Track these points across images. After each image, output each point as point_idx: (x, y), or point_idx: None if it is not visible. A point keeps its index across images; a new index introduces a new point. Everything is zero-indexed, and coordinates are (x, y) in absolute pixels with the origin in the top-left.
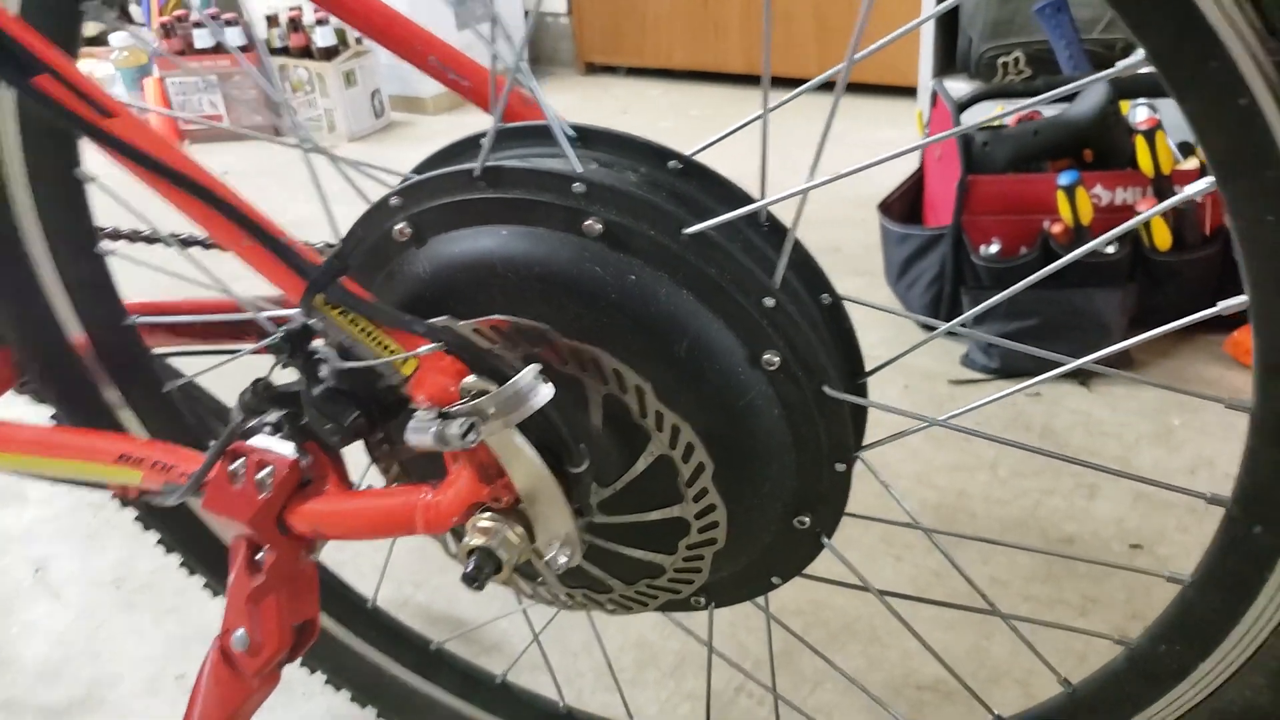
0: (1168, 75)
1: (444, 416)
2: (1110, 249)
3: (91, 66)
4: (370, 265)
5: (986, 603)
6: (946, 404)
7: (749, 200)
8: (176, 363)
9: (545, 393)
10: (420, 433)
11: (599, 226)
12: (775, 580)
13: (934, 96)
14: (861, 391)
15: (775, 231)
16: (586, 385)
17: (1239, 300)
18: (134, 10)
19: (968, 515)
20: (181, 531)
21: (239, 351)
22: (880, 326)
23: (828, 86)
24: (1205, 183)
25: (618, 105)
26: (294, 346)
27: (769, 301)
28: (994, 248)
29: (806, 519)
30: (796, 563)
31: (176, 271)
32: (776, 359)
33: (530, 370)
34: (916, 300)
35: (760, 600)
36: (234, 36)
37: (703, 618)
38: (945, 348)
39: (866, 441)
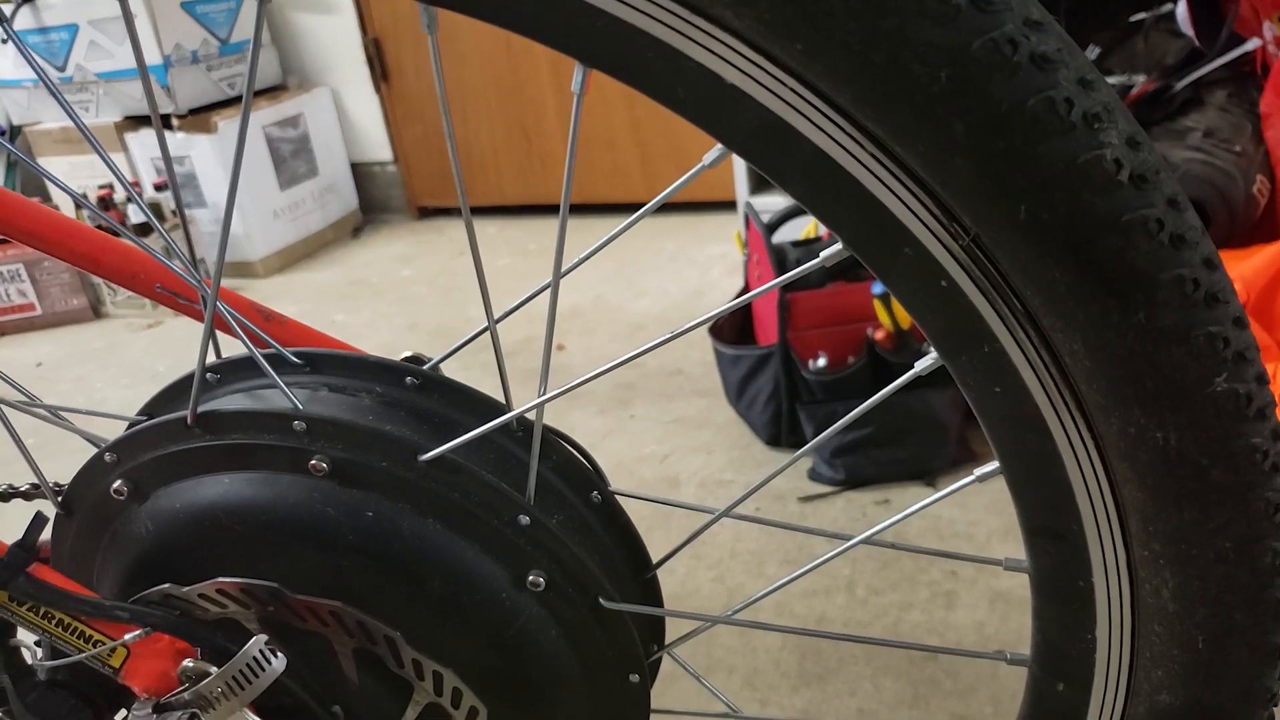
0: (870, 263)
1: (160, 709)
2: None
3: None
4: (92, 527)
5: None
6: (798, 522)
7: (497, 411)
8: None
9: (276, 666)
10: None
11: (325, 464)
12: None
13: (747, 217)
14: (651, 586)
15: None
16: (334, 641)
17: (993, 466)
18: None
19: (830, 642)
20: None
21: None
22: (726, 449)
23: (663, 209)
24: (931, 358)
25: (454, 248)
26: None
27: (524, 519)
28: (821, 361)
29: None
30: None
31: None
32: (542, 578)
33: (255, 643)
34: (758, 417)
35: None
36: None
37: None
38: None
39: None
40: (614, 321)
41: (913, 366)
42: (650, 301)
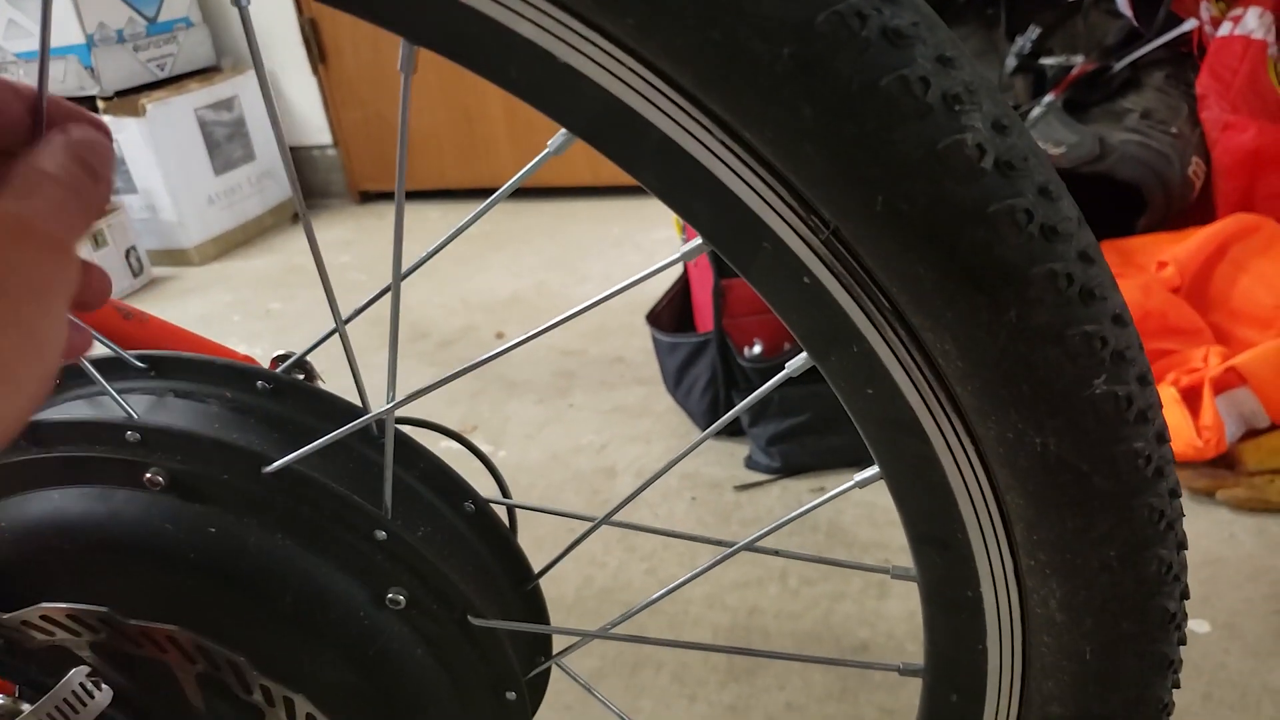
0: (729, 259)
1: None
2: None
3: None
4: None
5: None
6: (734, 513)
7: (352, 415)
8: None
9: (100, 700)
10: None
11: (162, 478)
12: None
13: None
14: (534, 597)
15: (400, 443)
16: (175, 667)
17: (873, 471)
18: None
19: (761, 634)
20: None
21: None
22: (665, 438)
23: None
24: (802, 358)
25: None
26: None
27: (380, 534)
28: (757, 348)
29: None
30: None
31: None
32: (403, 596)
33: (74, 676)
34: (695, 405)
35: None
36: None
37: None
38: (730, 450)
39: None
40: (555, 308)
41: None
42: (592, 287)
